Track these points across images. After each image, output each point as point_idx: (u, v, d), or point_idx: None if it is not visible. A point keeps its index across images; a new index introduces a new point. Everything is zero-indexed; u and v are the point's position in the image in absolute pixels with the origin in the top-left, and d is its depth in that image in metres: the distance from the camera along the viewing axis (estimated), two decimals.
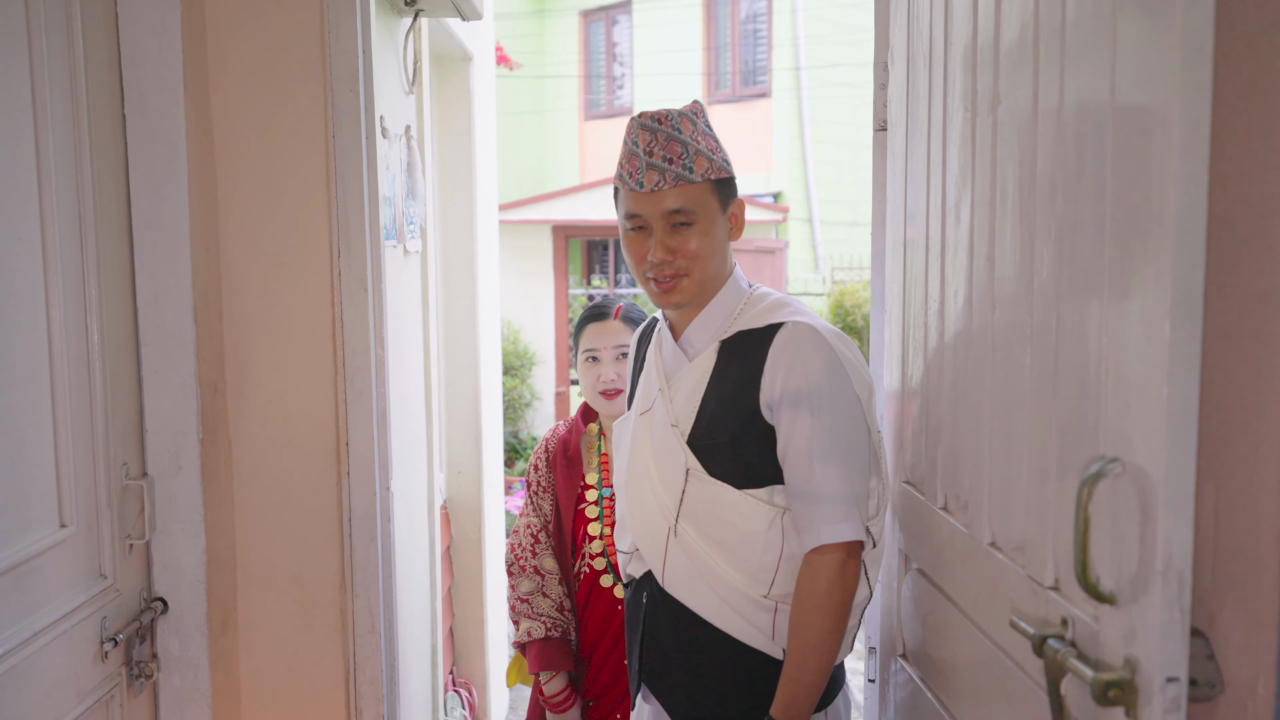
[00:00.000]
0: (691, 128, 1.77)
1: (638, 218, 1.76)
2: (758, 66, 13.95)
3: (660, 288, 1.78)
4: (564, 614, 2.42)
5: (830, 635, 1.68)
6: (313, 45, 1.95)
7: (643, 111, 1.76)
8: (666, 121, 1.75)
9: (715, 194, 1.77)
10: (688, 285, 1.77)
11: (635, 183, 1.74)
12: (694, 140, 1.75)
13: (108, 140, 1.79)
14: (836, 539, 1.68)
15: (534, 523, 2.48)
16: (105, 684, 1.75)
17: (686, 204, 1.73)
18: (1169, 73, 1.03)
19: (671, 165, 1.72)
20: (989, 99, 1.49)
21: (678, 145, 1.73)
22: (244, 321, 1.99)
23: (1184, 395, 1.05)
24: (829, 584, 1.67)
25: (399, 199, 2.82)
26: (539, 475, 2.52)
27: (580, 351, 2.44)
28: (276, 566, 2.03)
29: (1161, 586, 1.07)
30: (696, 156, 1.74)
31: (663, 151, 1.73)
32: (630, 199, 1.76)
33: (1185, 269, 1.04)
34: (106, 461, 1.77)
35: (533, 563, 2.43)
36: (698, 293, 1.79)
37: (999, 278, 1.47)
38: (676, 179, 1.72)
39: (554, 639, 2.39)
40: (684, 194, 1.73)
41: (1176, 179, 1.03)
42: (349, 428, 2.01)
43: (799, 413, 1.70)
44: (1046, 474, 1.32)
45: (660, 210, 1.73)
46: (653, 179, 1.72)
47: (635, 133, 1.76)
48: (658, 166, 1.72)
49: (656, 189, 1.72)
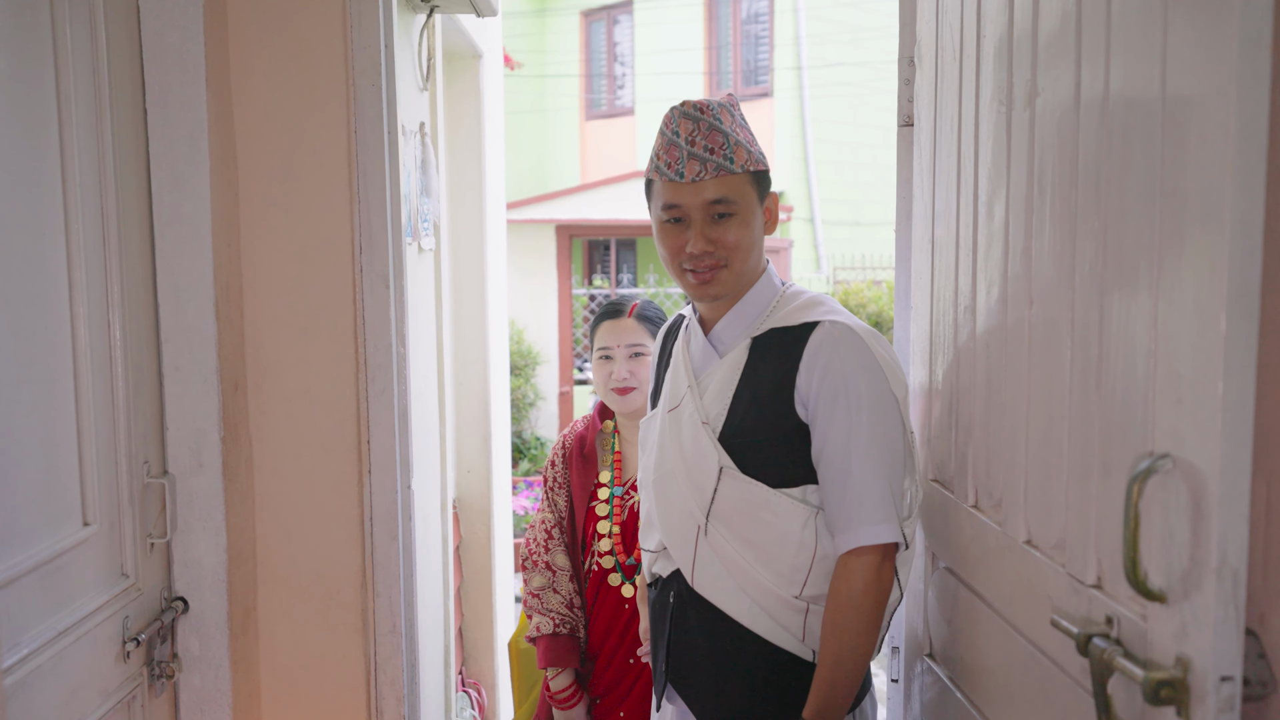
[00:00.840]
0: (730, 119, 1.76)
1: (677, 208, 1.73)
2: (759, 66, 13.93)
3: (698, 279, 1.75)
4: (573, 611, 2.41)
5: (865, 638, 1.66)
6: (335, 41, 1.93)
7: (685, 100, 1.74)
8: (708, 111, 1.73)
9: (754, 186, 1.76)
10: (726, 277, 1.75)
11: (675, 173, 1.71)
12: (734, 131, 1.74)
13: (129, 135, 1.77)
14: (875, 540, 1.66)
15: (548, 518, 2.47)
16: (127, 684, 1.74)
17: (728, 194, 1.71)
18: (1225, 60, 1.02)
19: (713, 155, 1.70)
20: (1026, 92, 1.48)
21: (719, 135, 1.71)
22: (266, 318, 1.97)
23: (1240, 390, 1.03)
24: (865, 586, 1.66)
25: (414, 197, 2.80)
26: (555, 471, 2.51)
27: (595, 349, 2.42)
28: (298, 565, 2.02)
29: (1216, 584, 1.05)
30: (736, 147, 1.72)
31: (704, 141, 1.71)
32: (669, 190, 1.73)
33: (1242, 261, 1.02)
34: (128, 459, 1.75)
35: (545, 558, 2.43)
36: (735, 285, 1.77)
37: (1037, 273, 1.45)
38: (718, 169, 1.70)
39: (562, 635, 2.39)
40: (725, 184, 1.71)
41: (1234, 168, 1.01)
42: (370, 425, 1.99)
43: (836, 412, 1.68)
44: (1089, 471, 1.31)
45: (701, 200, 1.71)
46: (694, 169, 1.70)
47: (676, 122, 1.73)
48: (699, 156, 1.70)
49: (698, 179, 1.70)
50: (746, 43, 14.16)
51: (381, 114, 1.95)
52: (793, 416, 1.72)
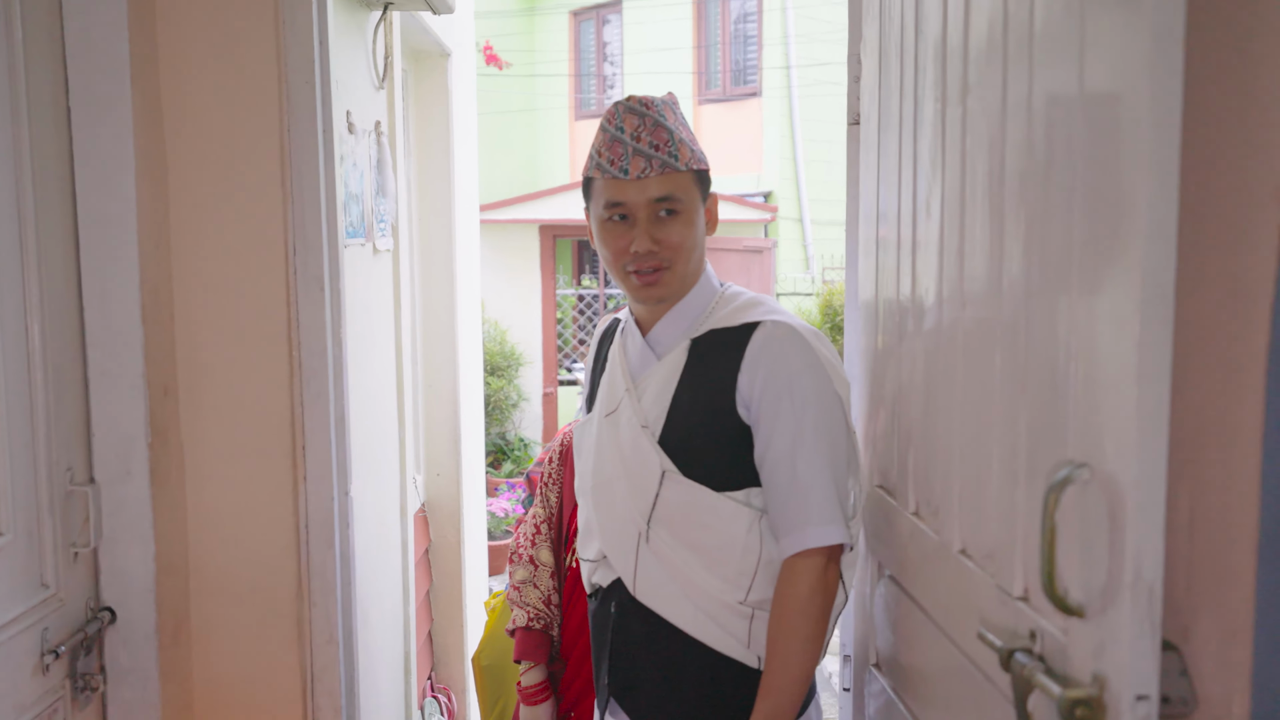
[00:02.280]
0: (674, 116, 1.72)
1: (620, 206, 1.68)
2: (748, 65, 13.89)
3: (642, 280, 1.71)
4: (550, 608, 2.39)
5: (813, 643, 1.62)
6: (267, 37, 1.88)
7: (629, 95, 1.70)
8: (653, 107, 1.69)
9: (697, 185, 1.72)
10: (670, 279, 1.71)
11: (619, 170, 1.67)
12: (677, 129, 1.71)
13: (50, 134, 1.73)
14: (822, 542, 1.62)
15: (539, 514, 2.46)
16: (47, 697, 1.69)
17: (673, 191, 1.67)
18: (1139, 54, 0.97)
19: (658, 152, 1.66)
20: (959, 87, 1.44)
21: (664, 132, 1.68)
22: (197, 321, 1.93)
23: (1155, 397, 0.99)
24: (811, 589, 1.62)
25: (367, 196, 2.75)
26: (551, 468, 2.48)
27: None
28: (232, 574, 1.97)
29: (1131, 599, 1.01)
30: (681, 145, 1.69)
31: (650, 137, 1.67)
32: (611, 187, 1.69)
33: (1156, 262, 0.98)
34: (49, 466, 1.70)
35: (530, 552, 2.42)
36: (679, 286, 1.74)
37: (969, 275, 1.41)
38: (664, 166, 1.66)
39: (534, 630, 2.37)
40: (670, 181, 1.67)
41: (1147, 165, 0.97)
42: (306, 431, 1.94)
43: (780, 413, 1.65)
44: (1015, 479, 1.27)
45: (646, 198, 1.67)
46: (639, 165, 1.66)
47: (621, 117, 1.69)
48: (644, 153, 1.66)
49: (643, 175, 1.66)
50: (735, 42, 14.12)
51: (316, 112, 1.90)
52: (734, 418, 1.68)
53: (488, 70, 13.74)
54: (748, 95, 13.76)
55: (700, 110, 14.28)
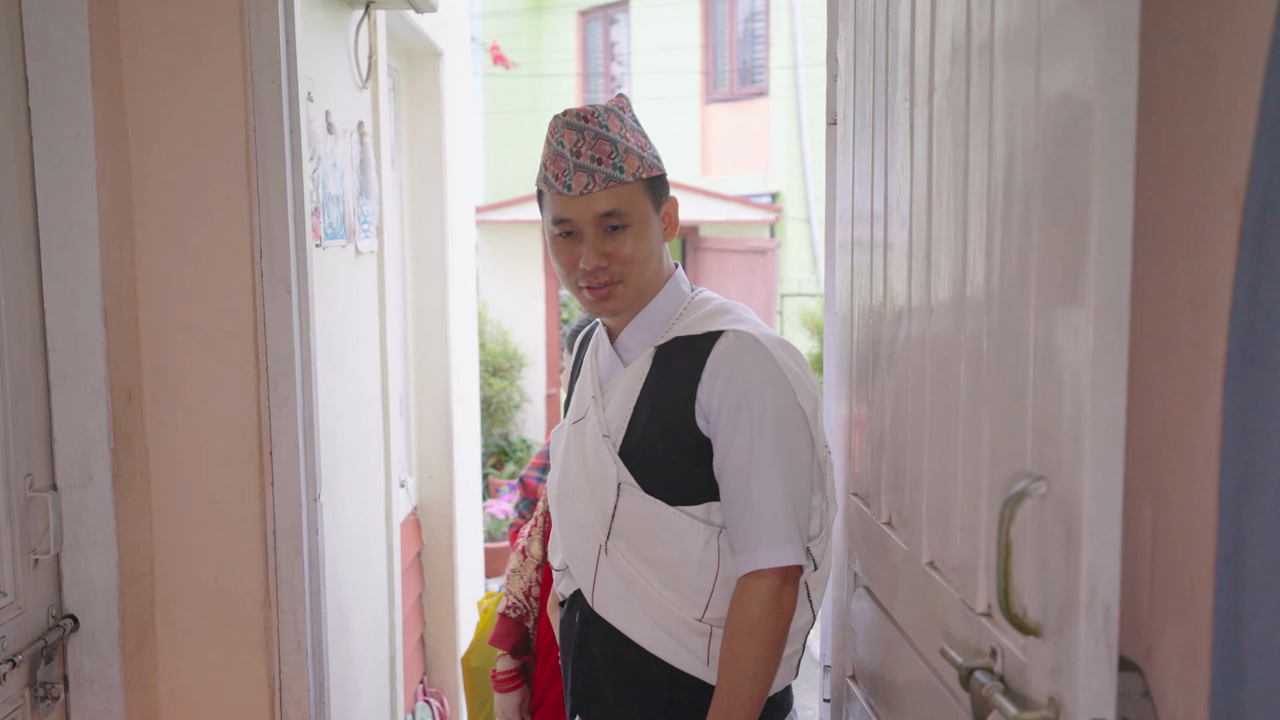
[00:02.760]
0: (620, 124, 1.66)
1: (566, 222, 1.64)
2: (755, 65, 13.83)
3: (594, 295, 1.67)
4: (529, 600, 2.40)
5: (763, 666, 1.57)
6: (232, 36, 1.85)
7: (567, 109, 1.65)
8: (593, 119, 1.63)
9: (648, 193, 1.66)
10: (623, 292, 1.67)
11: (563, 185, 1.62)
12: (623, 137, 1.64)
13: (9, 134, 1.70)
14: (774, 563, 1.57)
15: (542, 506, 2.45)
16: (4, 707, 1.66)
17: (619, 206, 1.62)
18: (1093, 51, 0.93)
19: (601, 165, 1.61)
20: (926, 85, 1.40)
21: (606, 144, 1.62)
22: (162, 325, 1.90)
23: (1109, 409, 0.95)
24: (762, 611, 1.57)
25: (349, 197, 2.72)
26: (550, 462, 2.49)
27: None
28: (198, 582, 1.94)
29: (1086, 619, 0.97)
30: (626, 155, 1.63)
31: (591, 151, 1.61)
32: (557, 203, 1.65)
33: (1110, 267, 0.94)
34: (6, 472, 1.67)
35: (524, 543, 2.44)
36: (634, 298, 1.69)
37: (935, 280, 1.37)
38: (607, 180, 1.61)
39: (509, 619, 2.37)
40: (616, 195, 1.62)
41: (1100, 166, 0.93)
42: (273, 436, 1.91)
43: (738, 426, 1.59)
44: (979, 491, 1.23)
45: (591, 214, 1.62)
46: (581, 181, 1.61)
47: (560, 132, 1.64)
48: (586, 167, 1.61)
49: (586, 191, 1.61)
50: (743, 42, 14.07)
51: (282, 112, 1.87)
52: (694, 430, 1.63)
53: (494, 70, 13.72)
54: (755, 95, 13.71)
55: (707, 110, 14.24)
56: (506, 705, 2.39)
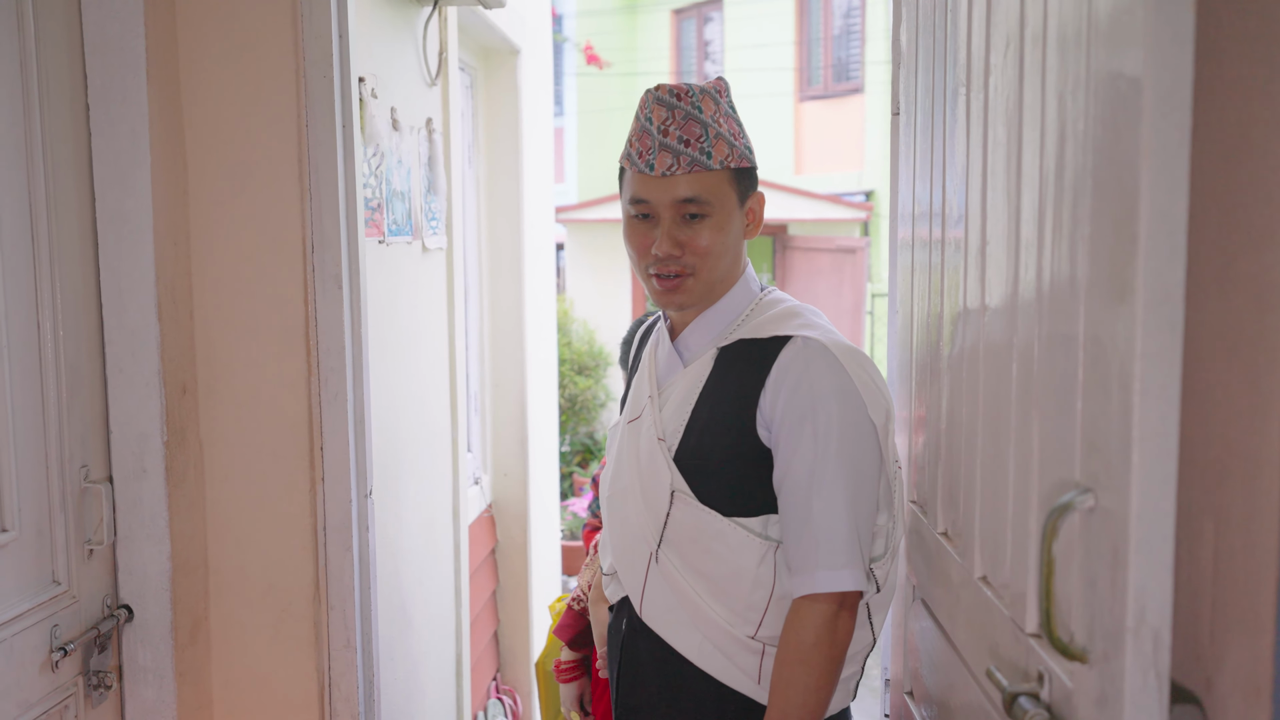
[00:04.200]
0: (714, 107, 1.56)
1: (644, 204, 1.56)
2: (851, 61, 13.60)
3: (662, 285, 1.58)
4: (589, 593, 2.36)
5: (816, 694, 1.48)
6: (285, 30, 1.85)
7: (661, 84, 1.57)
8: (686, 97, 1.55)
9: (734, 184, 1.56)
10: (693, 285, 1.58)
11: (645, 164, 1.54)
12: (715, 121, 1.55)
13: (68, 130, 1.73)
14: (831, 588, 1.47)
15: None
16: (56, 694, 1.69)
17: (701, 193, 1.53)
18: (1142, 16, 0.85)
19: (688, 148, 1.52)
20: (981, 69, 1.31)
21: (696, 125, 1.53)
22: (216, 319, 1.91)
23: (1160, 415, 0.87)
24: (817, 637, 1.47)
25: (416, 194, 2.72)
26: None
27: None
28: (249, 575, 1.95)
29: (1133, 646, 0.89)
30: (717, 140, 1.53)
31: (679, 131, 1.53)
32: (638, 182, 1.57)
33: (1161, 261, 0.85)
34: (61, 464, 1.70)
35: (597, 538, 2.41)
36: (704, 295, 1.60)
37: (989, 278, 1.29)
38: (692, 164, 1.52)
39: (573, 611, 2.34)
40: (699, 181, 1.53)
41: (1150, 145, 0.85)
42: (324, 431, 1.91)
43: (801, 439, 1.49)
44: (1029, 503, 1.14)
45: (671, 198, 1.54)
46: (665, 161, 1.53)
47: (650, 107, 1.56)
48: (672, 148, 1.53)
49: (669, 173, 1.53)
50: (838, 37, 13.85)
51: (334, 107, 1.86)
52: (754, 439, 1.54)
53: (588, 70, 13.77)
54: (850, 91, 13.48)
55: (801, 107, 14.06)
56: (567, 696, 2.37)
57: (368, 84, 2.25)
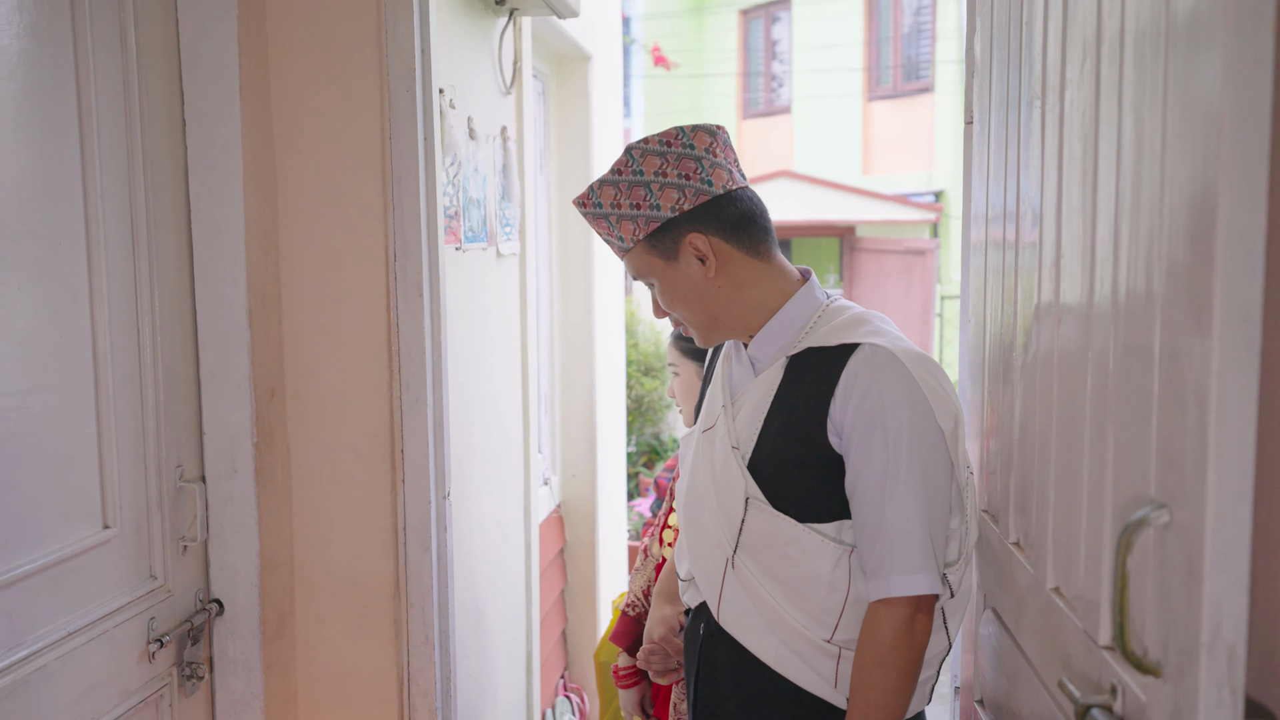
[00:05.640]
0: (613, 191, 1.64)
1: None
2: (920, 60, 13.46)
3: (687, 334, 1.76)
4: (648, 599, 2.39)
5: (895, 695, 1.50)
6: (370, 47, 1.92)
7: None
8: (589, 201, 1.68)
9: (653, 251, 1.66)
10: (700, 332, 1.71)
11: None
12: (615, 206, 1.65)
13: (166, 145, 1.81)
14: (906, 592, 1.49)
15: (665, 504, 2.47)
16: (153, 684, 1.77)
17: (635, 270, 1.69)
18: (1222, 37, 0.85)
19: (611, 238, 1.69)
20: (1057, 82, 1.32)
21: (604, 222, 1.67)
22: (303, 325, 1.98)
23: (1237, 433, 0.87)
24: (894, 640, 1.50)
25: (491, 201, 2.78)
26: None
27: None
28: (333, 572, 2.02)
29: (1208, 661, 0.89)
30: (620, 223, 1.65)
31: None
32: None
33: (1239, 278, 0.86)
34: (158, 464, 1.78)
35: (646, 542, 2.46)
36: (720, 332, 1.70)
37: (1064, 288, 1.29)
38: (621, 250, 1.69)
39: (629, 617, 2.38)
40: (631, 261, 1.69)
41: (1229, 159, 0.85)
42: (404, 435, 1.97)
43: (872, 445, 1.52)
44: (1103, 515, 1.15)
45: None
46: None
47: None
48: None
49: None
50: (908, 36, 13.72)
51: (417, 121, 1.92)
52: (825, 446, 1.57)
53: (655, 71, 13.81)
54: (920, 91, 13.35)
55: (869, 107, 13.95)
56: (628, 700, 2.41)
57: (446, 95, 2.31)
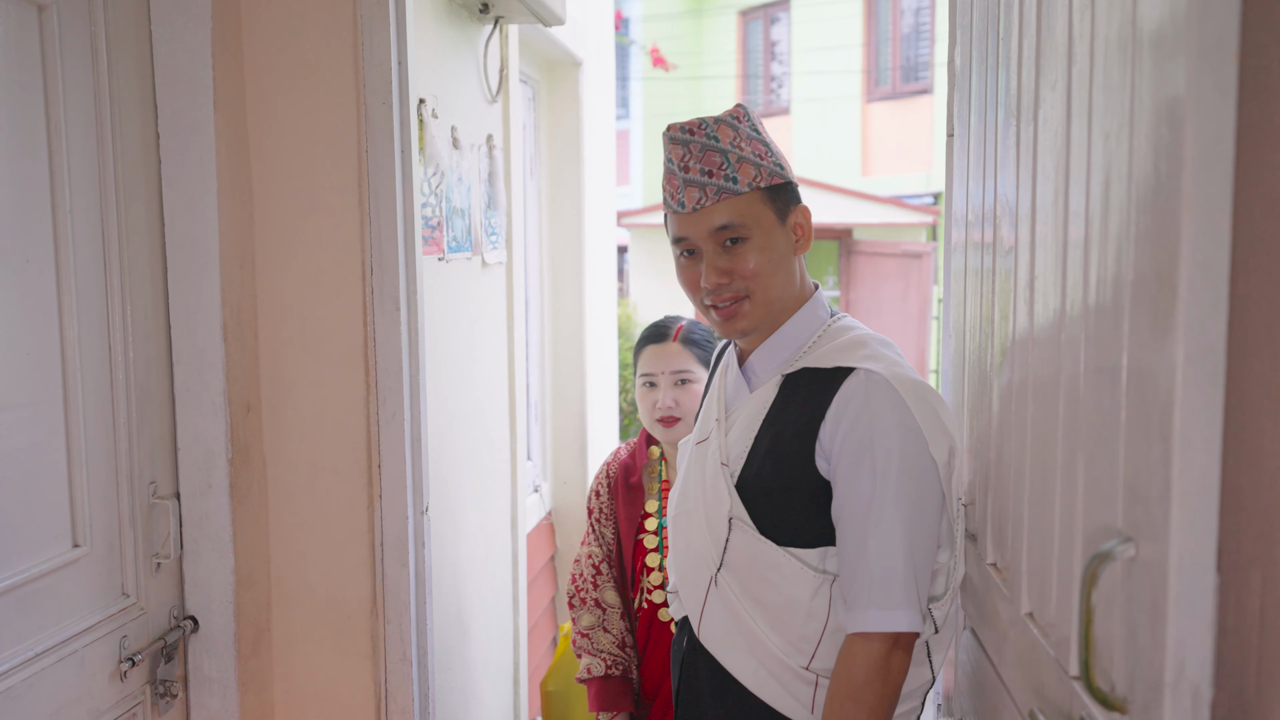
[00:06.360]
0: (733, 133, 1.57)
1: (685, 240, 1.59)
2: (920, 62, 13.44)
3: (722, 315, 1.60)
4: (625, 651, 2.31)
5: None
6: (346, 62, 1.90)
7: (672, 124, 1.59)
8: (700, 130, 1.56)
9: (768, 203, 1.57)
10: (751, 309, 1.59)
11: (677, 203, 1.57)
12: (736, 147, 1.56)
13: (139, 158, 1.79)
14: (884, 627, 1.46)
15: (595, 553, 2.37)
16: (125, 703, 1.75)
17: (735, 218, 1.55)
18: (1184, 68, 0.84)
19: (711, 178, 1.54)
20: (1031, 100, 1.30)
21: (715, 155, 1.55)
22: (279, 340, 1.96)
23: (1200, 470, 0.86)
24: (867, 676, 1.46)
25: (476, 210, 2.76)
26: (600, 502, 2.41)
27: (637, 375, 2.31)
28: (310, 589, 2.00)
29: (1172, 701, 0.88)
30: (740, 164, 1.55)
31: (699, 164, 1.55)
32: (676, 222, 1.60)
33: (1201, 311, 0.84)
34: (131, 481, 1.76)
35: (594, 595, 2.33)
36: (765, 316, 1.60)
37: (1040, 311, 1.28)
38: (719, 192, 1.54)
39: (614, 677, 2.28)
40: (731, 207, 1.54)
41: (1190, 200, 0.83)
42: (381, 450, 1.95)
43: (859, 474, 1.49)
44: (1073, 545, 1.13)
45: (707, 229, 1.56)
46: (693, 196, 1.55)
47: (669, 148, 1.59)
48: (696, 181, 1.55)
49: (699, 206, 1.55)
50: (907, 38, 13.70)
51: (394, 134, 1.90)
52: (812, 470, 1.54)
53: (654, 73, 13.79)
54: (919, 92, 13.32)
55: (868, 109, 13.92)
56: None
57: (428, 105, 2.29)
